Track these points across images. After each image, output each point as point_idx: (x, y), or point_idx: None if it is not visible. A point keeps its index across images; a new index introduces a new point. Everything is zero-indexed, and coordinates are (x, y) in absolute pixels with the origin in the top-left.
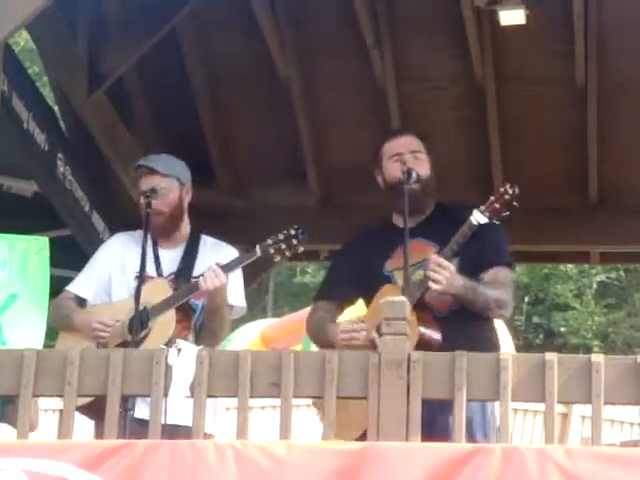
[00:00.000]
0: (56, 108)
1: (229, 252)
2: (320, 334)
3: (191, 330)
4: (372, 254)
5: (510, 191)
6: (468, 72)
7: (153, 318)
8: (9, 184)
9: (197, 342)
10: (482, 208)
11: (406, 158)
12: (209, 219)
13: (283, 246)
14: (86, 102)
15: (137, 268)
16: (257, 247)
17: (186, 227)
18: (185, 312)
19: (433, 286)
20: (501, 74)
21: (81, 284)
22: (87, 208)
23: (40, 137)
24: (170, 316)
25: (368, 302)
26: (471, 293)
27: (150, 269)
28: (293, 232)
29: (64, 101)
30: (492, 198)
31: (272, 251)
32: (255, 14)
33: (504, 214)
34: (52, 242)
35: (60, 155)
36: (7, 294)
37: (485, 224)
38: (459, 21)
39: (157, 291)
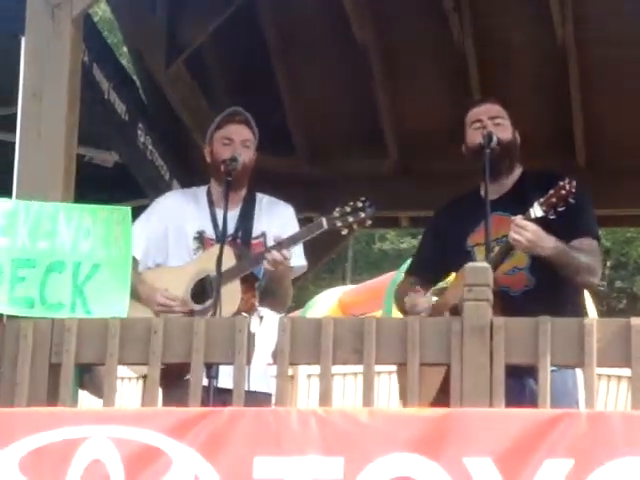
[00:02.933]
0: (135, 78)
1: (285, 211)
2: (403, 307)
3: (257, 298)
4: (456, 227)
5: (567, 187)
6: (549, 34)
7: (220, 287)
8: (91, 155)
9: (264, 306)
10: (541, 201)
11: (486, 123)
12: (287, 187)
13: (350, 219)
14: (165, 72)
15: (196, 228)
16: (323, 220)
17: (244, 189)
18: (250, 282)
19: (516, 241)
20: (582, 36)
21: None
22: (167, 177)
23: (121, 107)
24: (235, 287)
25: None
26: (563, 255)
27: (209, 231)
28: (360, 204)
29: (143, 71)
30: (551, 192)
31: (339, 224)
32: None
33: (559, 209)
34: (134, 212)
35: (140, 125)
36: (91, 264)
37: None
38: None
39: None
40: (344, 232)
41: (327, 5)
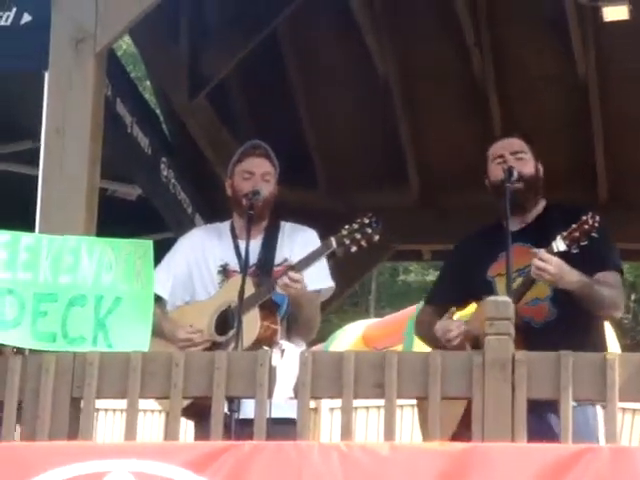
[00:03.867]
0: (158, 112)
1: (307, 235)
2: (426, 337)
3: (279, 325)
4: (478, 258)
5: (590, 221)
6: (571, 69)
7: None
8: (114, 188)
9: (289, 335)
10: (564, 234)
11: (507, 158)
12: (308, 221)
13: (358, 236)
14: (188, 106)
15: (219, 262)
16: (332, 239)
17: (266, 219)
18: (269, 309)
19: (538, 274)
20: (604, 71)
21: (158, 282)
22: (190, 210)
23: (144, 141)
24: (254, 315)
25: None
26: (586, 289)
27: (232, 263)
28: (367, 220)
29: (166, 105)
30: (574, 226)
31: (347, 242)
32: (354, 14)
33: (582, 243)
34: (156, 245)
35: (164, 159)
36: (113, 298)
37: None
38: (561, 18)
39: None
40: (353, 249)
41: (349, 39)
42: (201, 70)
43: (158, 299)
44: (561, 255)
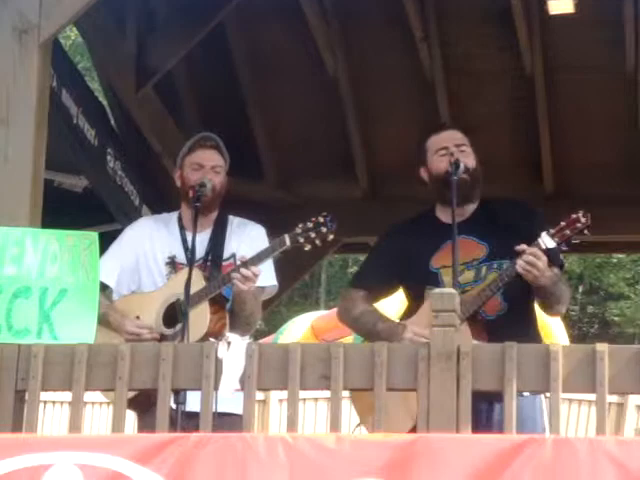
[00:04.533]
0: (105, 103)
1: (255, 231)
2: (369, 329)
3: (227, 319)
4: (416, 247)
5: (583, 219)
6: (517, 63)
7: (189, 310)
8: (60, 180)
9: (231, 328)
10: (551, 232)
11: (452, 151)
12: (256, 213)
13: (312, 234)
14: (134, 97)
15: (167, 253)
16: (286, 236)
17: (215, 212)
18: (219, 303)
19: (528, 270)
20: (550, 64)
21: (105, 270)
22: (137, 202)
23: (90, 132)
24: (204, 309)
25: (411, 295)
26: (555, 284)
27: (180, 256)
28: (322, 220)
29: (113, 96)
30: (563, 223)
31: (301, 240)
32: (302, 9)
33: (573, 241)
34: (102, 237)
35: (110, 150)
36: (58, 289)
37: (530, 218)
38: (507, 11)
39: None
40: (307, 248)
41: (298, 33)
42: (148, 61)
43: (104, 288)
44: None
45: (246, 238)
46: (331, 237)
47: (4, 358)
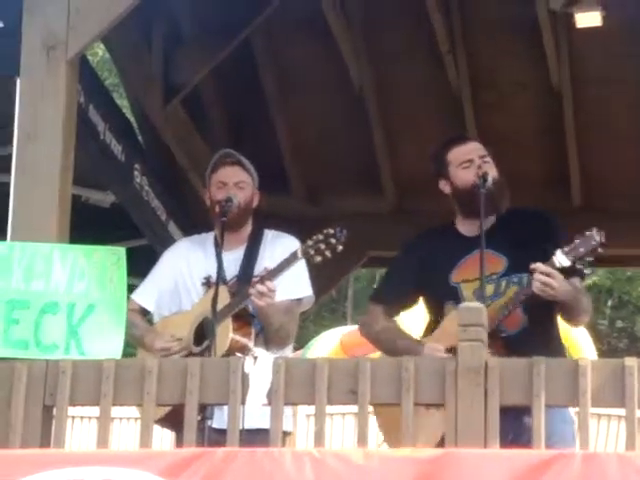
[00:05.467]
0: (132, 119)
1: (287, 243)
2: (390, 347)
3: (252, 336)
4: (436, 261)
5: (597, 237)
6: (544, 76)
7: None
8: (87, 195)
9: (267, 345)
10: (566, 250)
11: (479, 163)
12: (283, 227)
13: (322, 246)
14: (161, 112)
15: (203, 273)
16: (298, 250)
17: (248, 228)
18: (244, 319)
19: (543, 290)
20: (578, 78)
21: (144, 294)
22: (164, 217)
23: (117, 148)
24: (226, 326)
25: (432, 310)
26: (575, 297)
27: (214, 275)
28: (332, 231)
29: (140, 112)
30: (577, 241)
31: (312, 252)
32: (328, 23)
33: (588, 259)
34: (130, 252)
35: (137, 165)
36: (85, 305)
37: (547, 227)
38: (534, 25)
39: (218, 299)
40: (318, 260)
41: (324, 47)
42: (175, 76)
43: (145, 312)
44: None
45: (278, 252)
46: (340, 248)
47: (32, 373)
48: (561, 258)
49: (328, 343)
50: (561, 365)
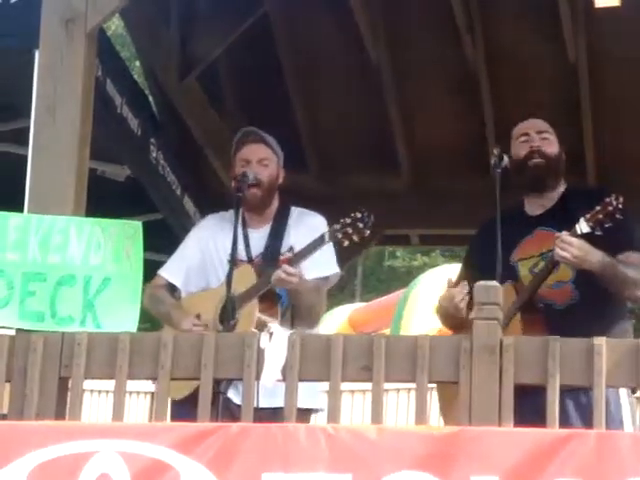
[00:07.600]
0: (147, 93)
1: (312, 220)
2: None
3: (278, 316)
4: (502, 241)
5: (614, 203)
6: (561, 54)
7: (239, 308)
8: (102, 169)
9: (294, 324)
10: (587, 217)
11: (533, 137)
12: (299, 204)
13: (350, 230)
14: (177, 87)
15: (230, 250)
16: (326, 233)
17: (275, 205)
18: (271, 300)
19: (562, 257)
20: (594, 56)
21: (172, 270)
22: (179, 192)
23: (133, 122)
24: (252, 306)
25: None
26: (610, 269)
27: (241, 251)
28: (359, 215)
29: (156, 86)
30: (598, 208)
31: (340, 236)
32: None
33: (606, 225)
34: (145, 226)
35: (152, 140)
36: (101, 278)
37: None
38: (552, 3)
39: (243, 278)
40: (345, 244)
41: (341, 23)
42: (192, 51)
43: (173, 288)
44: (585, 237)
45: (303, 228)
46: (367, 233)
47: (48, 345)
48: (582, 225)
49: (336, 320)
50: (576, 344)
